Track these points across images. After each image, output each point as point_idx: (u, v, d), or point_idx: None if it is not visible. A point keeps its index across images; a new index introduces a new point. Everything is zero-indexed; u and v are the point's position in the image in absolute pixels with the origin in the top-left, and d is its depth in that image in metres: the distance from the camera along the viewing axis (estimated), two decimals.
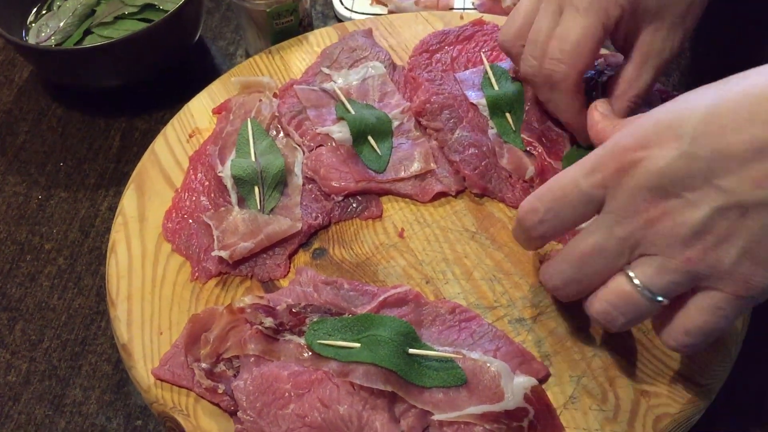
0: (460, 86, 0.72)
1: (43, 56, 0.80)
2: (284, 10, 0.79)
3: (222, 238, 0.63)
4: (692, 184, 0.44)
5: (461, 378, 0.52)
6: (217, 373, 0.55)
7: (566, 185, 0.49)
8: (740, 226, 0.44)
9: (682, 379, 0.53)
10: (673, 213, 0.45)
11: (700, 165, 0.44)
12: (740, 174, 0.43)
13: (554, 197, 0.50)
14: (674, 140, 0.44)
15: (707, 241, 0.44)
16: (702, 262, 0.45)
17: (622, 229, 0.47)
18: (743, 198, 0.43)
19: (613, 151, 0.47)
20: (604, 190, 0.47)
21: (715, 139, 0.43)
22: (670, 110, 0.46)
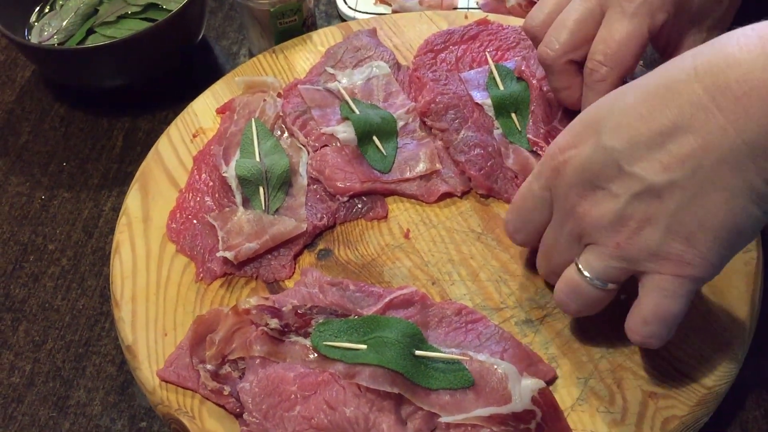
0: (465, 86, 0.72)
1: (46, 56, 0.80)
2: (288, 10, 0.78)
3: (227, 238, 0.62)
4: (610, 175, 0.47)
5: (468, 380, 0.52)
6: (222, 374, 0.55)
7: (524, 193, 0.54)
8: (658, 209, 0.46)
9: (690, 381, 0.53)
10: (598, 204, 0.48)
11: (614, 156, 0.47)
12: (649, 159, 0.45)
13: (517, 206, 0.55)
14: (594, 136, 0.48)
15: (630, 226, 0.47)
16: (630, 246, 0.47)
17: (566, 223, 0.51)
18: (655, 181, 0.45)
19: (550, 153, 0.51)
20: (549, 191, 0.52)
21: (627, 130, 0.46)
22: (594, 109, 0.50)
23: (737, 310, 0.56)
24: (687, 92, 0.44)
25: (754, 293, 0.57)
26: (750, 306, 0.56)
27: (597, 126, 0.48)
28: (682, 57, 0.47)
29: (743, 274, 0.58)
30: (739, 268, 0.58)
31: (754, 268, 0.58)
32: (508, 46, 0.75)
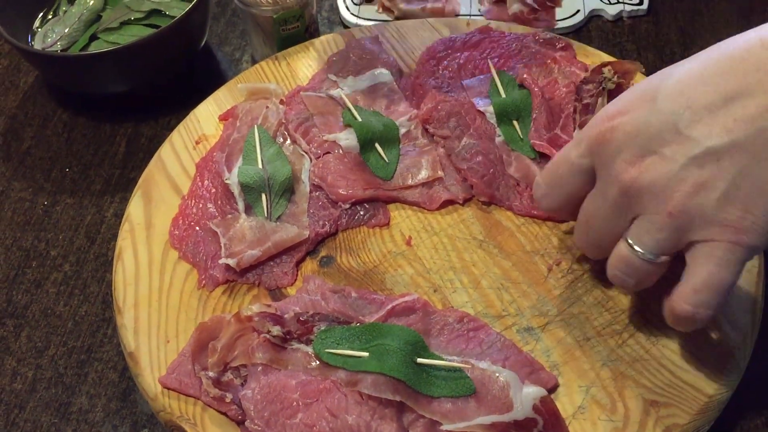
0: (467, 93, 0.72)
1: (49, 62, 0.80)
2: (291, 17, 0.79)
3: (229, 245, 0.63)
4: (665, 139, 0.47)
5: (470, 388, 0.52)
6: (224, 381, 0.55)
7: (559, 159, 0.54)
8: (715, 173, 0.45)
9: (691, 389, 0.53)
10: (651, 169, 0.47)
11: (671, 119, 0.46)
12: (710, 122, 0.45)
13: (550, 171, 0.55)
14: (648, 103, 0.48)
15: (685, 192, 0.46)
16: (684, 213, 0.46)
17: (612, 191, 0.50)
18: (715, 144, 0.45)
19: (596, 120, 0.51)
20: (590, 158, 0.51)
21: (684, 96, 0.46)
22: (648, 80, 0.50)
23: (739, 318, 0.56)
24: (753, 59, 0.45)
25: (755, 301, 0.57)
26: (751, 314, 0.56)
27: (652, 93, 0.48)
28: (743, 33, 0.47)
29: (744, 282, 0.58)
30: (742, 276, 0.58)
31: (755, 276, 0.58)
32: (510, 54, 0.75)
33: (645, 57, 0.84)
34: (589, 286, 0.59)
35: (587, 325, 0.57)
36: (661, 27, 0.87)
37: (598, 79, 0.68)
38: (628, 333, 0.56)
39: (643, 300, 0.58)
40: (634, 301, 0.58)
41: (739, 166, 0.45)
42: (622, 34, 0.87)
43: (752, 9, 0.88)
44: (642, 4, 0.88)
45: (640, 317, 0.57)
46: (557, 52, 0.75)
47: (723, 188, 0.45)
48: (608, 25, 0.88)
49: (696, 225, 0.46)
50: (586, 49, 0.76)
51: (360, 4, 0.91)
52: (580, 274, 0.60)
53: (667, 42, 0.85)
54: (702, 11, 0.88)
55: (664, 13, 0.88)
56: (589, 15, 0.88)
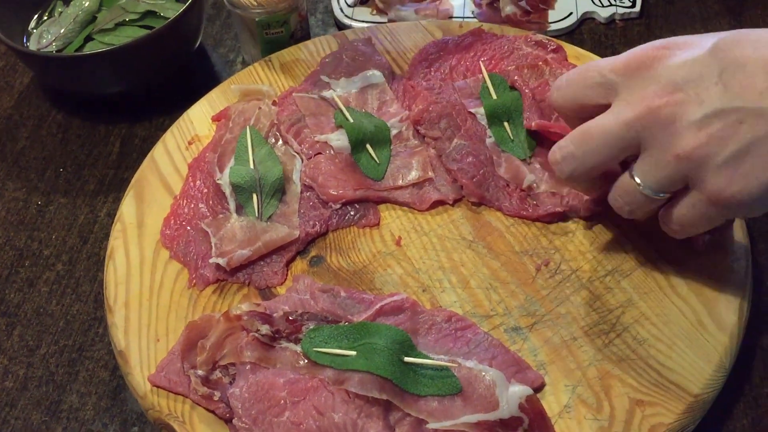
0: (459, 95, 0.72)
1: (44, 62, 0.80)
2: (274, 21, 0.79)
3: (220, 245, 0.63)
4: (702, 84, 0.48)
5: (456, 387, 0.53)
6: (213, 380, 0.55)
7: (591, 66, 0.53)
8: (735, 132, 0.47)
9: (677, 389, 0.53)
10: (678, 104, 0.48)
11: (713, 69, 0.47)
12: (748, 83, 0.46)
13: (577, 71, 0.55)
14: (698, 47, 0.49)
15: (700, 138, 0.48)
16: (689, 159, 0.48)
17: (626, 113, 0.50)
18: (745, 104, 0.46)
19: (643, 47, 0.51)
20: (623, 77, 0.51)
21: (735, 50, 0.47)
22: (697, 35, 0.51)
23: (725, 318, 0.56)
24: None
25: (742, 301, 0.57)
26: (738, 314, 0.57)
27: (703, 41, 0.49)
28: None
29: (732, 282, 0.58)
30: (728, 277, 0.58)
31: (742, 276, 0.58)
32: (501, 56, 0.76)
33: None
34: (576, 286, 0.60)
35: (574, 325, 0.57)
36: (653, 29, 0.87)
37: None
38: (615, 333, 0.57)
39: (630, 300, 0.58)
40: (622, 301, 0.58)
41: (756, 133, 0.46)
42: (615, 37, 0.87)
43: (742, 11, 0.88)
44: (634, 7, 0.88)
45: (627, 317, 0.57)
46: (548, 54, 0.75)
47: (733, 149, 0.47)
48: (601, 27, 0.88)
49: (695, 173, 0.49)
50: (578, 51, 0.76)
51: (354, 6, 0.91)
52: (568, 274, 0.61)
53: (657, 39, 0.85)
54: (694, 14, 0.89)
55: (656, 16, 0.89)
56: (581, 17, 0.88)
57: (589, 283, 0.60)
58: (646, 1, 0.90)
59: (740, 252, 0.60)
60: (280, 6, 0.79)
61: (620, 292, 0.59)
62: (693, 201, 0.51)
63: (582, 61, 0.74)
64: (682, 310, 0.57)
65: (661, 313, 0.57)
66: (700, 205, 0.50)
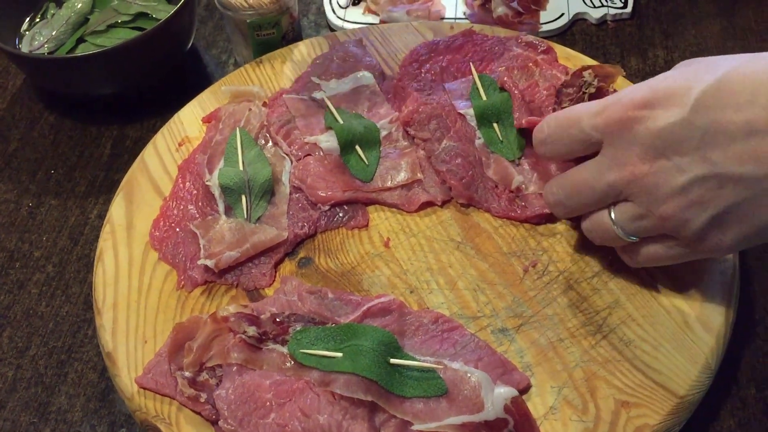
0: (449, 96, 0.72)
1: (36, 65, 0.81)
2: (266, 23, 0.79)
3: (208, 246, 0.63)
4: (683, 150, 0.48)
5: (442, 388, 0.53)
6: (199, 381, 0.55)
7: (571, 117, 0.54)
8: (715, 196, 0.48)
9: (662, 390, 0.53)
10: (659, 173, 0.49)
11: (694, 134, 0.47)
12: (728, 149, 0.47)
13: (558, 124, 0.55)
14: (678, 106, 0.48)
15: (682, 203, 0.49)
16: (673, 219, 0.50)
17: (611, 175, 0.52)
18: (725, 171, 0.47)
19: (621, 102, 0.51)
20: (603, 135, 0.52)
21: (714, 113, 0.47)
22: (682, 75, 0.50)
23: (712, 320, 0.56)
24: None
25: (729, 303, 0.57)
26: (725, 316, 0.57)
27: (682, 96, 0.48)
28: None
29: (719, 284, 0.58)
30: (716, 278, 0.58)
31: (729, 278, 0.58)
32: (492, 57, 0.76)
33: (628, 60, 0.84)
34: (564, 287, 0.60)
35: (561, 327, 0.57)
36: (644, 30, 0.87)
37: (578, 83, 0.68)
38: (602, 334, 0.57)
39: (617, 301, 0.58)
40: (609, 302, 0.58)
41: (737, 197, 0.47)
42: (606, 37, 0.87)
43: (734, 11, 0.88)
44: (626, 8, 0.88)
45: (614, 318, 0.57)
46: (539, 54, 0.75)
47: (714, 212, 0.49)
48: (592, 28, 0.88)
49: (676, 230, 0.51)
50: (569, 52, 0.76)
51: (346, 7, 0.91)
52: (555, 275, 0.61)
53: (650, 45, 0.85)
54: (685, 14, 0.89)
55: (647, 17, 0.89)
56: (573, 18, 0.88)
57: (577, 285, 0.60)
58: (637, 1, 0.90)
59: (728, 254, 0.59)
60: (271, 8, 0.79)
61: (607, 293, 0.59)
62: (670, 245, 0.53)
63: (572, 62, 0.74)
64: (668, 312, 0.57)
65: (648, 314, 0.57)
66: (676, 249, 0.53)
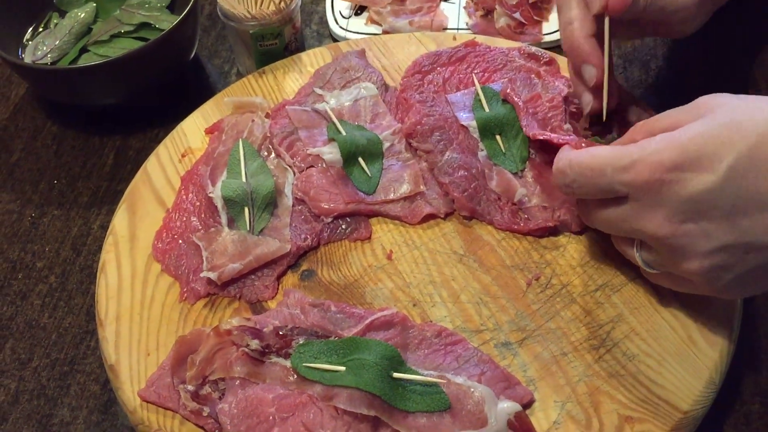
0: (451, 108, 0.72)
1: (39, 75, 0.81)
2: (268, 33, 0.79)
3: (211, 258, 0.63)
4: (711, 216, 0.48)
5: (445, 403, 0.52)
6: (202, 395, 0.55)
7: (596, 169, 0.53)
8: (740, 261, 0.48)
9: (666, 405, 0.53)
10: (685, 236, 0.49)
11: (725, 202, 0.47)
12: (757, 218, 0.47)
13: (582, 173, 0.54)
14: (709, 172, 0.47)
15: (705, 266, 0.49)
16: (695, 276, 0.50)
17: (636, 224, 0.52)
18: (752, 240, 0.47)
19: (649, 163, 0.49)
20: (630, 191, 0.51)
21: (746, 181, 0.47)
22: (711, 135, 0.48)
23: (716, 334, 0.56)
24: None
25: (732, 318, 0.57)
26: (728, 331, 0.57)
27: (714, 161, 0.47)
28: None
29: (722, 300, 0.58)
30: None
31: None
32: (494, 68, 0.76)
33: (631, 71, 0.84)
34: (567, 301, 0.60)
35: (564, 341, 0.57)
36: (646, 40, 0.87)
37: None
38: (605, 348, 0.57)
39: (620, 315, 0.58)
40: (612, 316, 0.58)
41: (759, 262, 0.48)
42: None
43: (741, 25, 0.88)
44: None
45: (618, 333, 0.57)
46: (541, 66, 0.75)
47: (737, 274, 0.49)
48: None
49: (697, 281, 0.52)
50: None
51: (349, 17, 0.91)
52: (558, 288, 0.60)
53: (653, 56, 0.85)
54: None
55: None
56: None
57: (580, 298, 0.60)
58: None
59: None
60: (273, 18, 0.79)
61: (610, 307, 0.59)
62: (687, 285, 0.54)
63: None
64: (672, 326, 0.57)
65: (652, 328, 0.57)
66: (694, 289, 0.54)
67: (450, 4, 0.92)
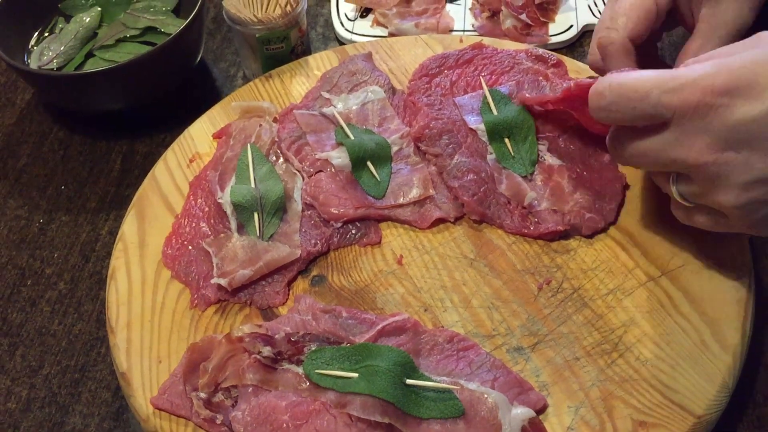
0: (459, 111, 0.72)
1: (45, 81, 0.80)
2: (275, 37, 0.79)
3: (221, 265, 0.63)
4: (755, 146, 0.47)
5: (459, 409, 0.52)
6: (215, 402, 0.55)
7: (640, 90, 0.51)
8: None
9: (680, 409, 0.53)
10: (726, 165, 0.48)
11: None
12: None
13: (622, 93, 0.52)
14: (759, 100, 0.47)
15: (742, 199, 0.49)
16: (730, 209, 0.50)
17: (675, 152, 0.51)
18: None
19: (700, 86, 0.48)
20: (672, 114, 0.50)
21: None
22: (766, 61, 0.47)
23: (729, 338, 0.56)
24: None
25: (745, 321, 0.57)
26: (741, 334, 0.56)
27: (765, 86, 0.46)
28: None
29: (735, 302, 0.58)
30: (731, 296, 0.58)
31: (745, 295, 0.58)
32: (502, 71, 0.76)
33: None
34: (578, 305, 0.60)
35: (576, 345, 0.57)
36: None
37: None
38: (618, 353, 0.57)
39: (632, 319, 0.58)
40: (624, 320, 0.58)
41: None
42: None
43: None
44: None
45: (630, 337, 0.57)
46: (549, 68, 0.75)
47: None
48: None
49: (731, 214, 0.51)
50: (579, 66, 0.76)
51: (354, 19, 0.91)
52: (570, 293, 0.60)
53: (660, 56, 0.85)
54: None
55: None
56: (582, 30, 0.88)
57: (591, 302, 0.60)
58: None
59: (742, 270, 0.59)
60: (280, 22, 0.79)
61: (622, 311, 0.59)
62: (720, 221, 0.53)
63: (582, 76, 0.73)
64: (684, 330, 0.57)
65: (664, 332, 0.57)
66: (725, 224, 0.53)
67: (456, 5, 0.92)
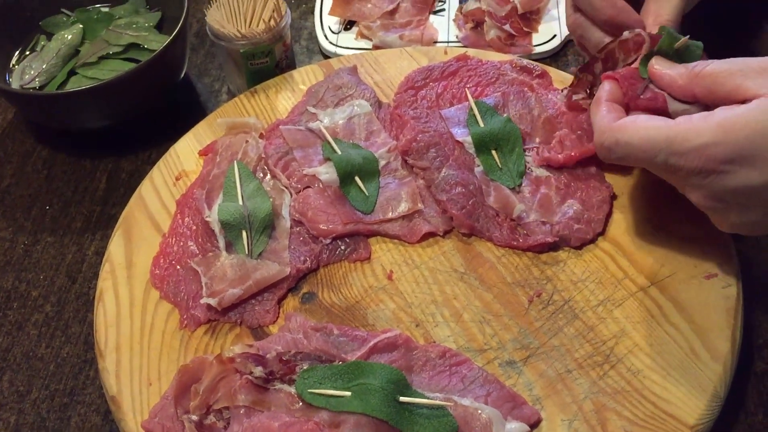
0: (446, 123, 0.72)
1: (27, 100, 0.80)
2: (259, 52, 0.79)
3: (210, 284, 0.62)
4: (751, 204, 0.52)
5: (453, 426, 0.52)
6: (207, 425, 0.55)
7: (648, 152, 0.54)
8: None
9: (673, 420, 0.53)
10: (723, 210, 0.54)
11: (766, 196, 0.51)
12: None
13: (630, 152, 0.55)
14: (759, 170, 0.50)
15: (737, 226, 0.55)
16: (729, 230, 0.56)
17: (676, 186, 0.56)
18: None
19: (705, 154, 0.51)
20: (683, 171, 0.53)
21: None
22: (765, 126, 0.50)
23: (718, 347, 0.56)
24: None
25: (734, 330, 0.57)
26: (731, 343, 0.57)
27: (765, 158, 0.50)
28: None
29: (723, 311, 0.58)
30: (719, 304, 0.59)
31: (734, 303, 0.59)
32: (487, 82, 0.76)
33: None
34: (569, 317, 0.60)
35: (568, 357, 0.57)
36: None
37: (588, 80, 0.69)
38: (609, 364, 0.57)
39: (623, 330, 0.58)
40: (615, 331, 0.58)
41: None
42: None
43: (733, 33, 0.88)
44: None
45: (621, 348, 0.57)
46: (534, 79, 0.75)
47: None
48: None
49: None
50: (563, 75, 0.76)
51: (339, 33, 0.91)
52: (560, 305, 0.60)
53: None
54: None
55: None
56: (565, 40, 0.88)
57: (582, 314, 0.60)
58: None
59: (731, 279, 0.60)
60: (264, 37, 0.78)
61: (613, 322, 0.59)
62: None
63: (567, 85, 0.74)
64: (675, 340, 0.57)
65: (655, 343, 0.57)
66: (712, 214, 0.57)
67: (440, 17, 0.92)
